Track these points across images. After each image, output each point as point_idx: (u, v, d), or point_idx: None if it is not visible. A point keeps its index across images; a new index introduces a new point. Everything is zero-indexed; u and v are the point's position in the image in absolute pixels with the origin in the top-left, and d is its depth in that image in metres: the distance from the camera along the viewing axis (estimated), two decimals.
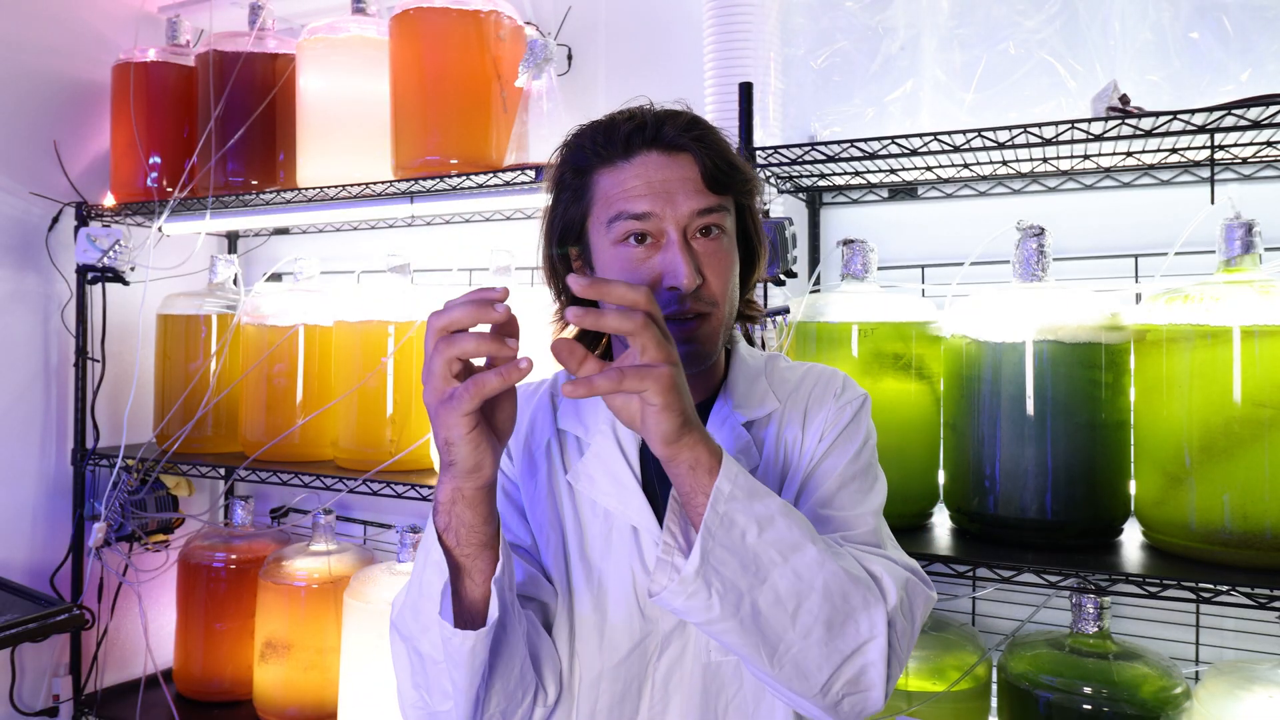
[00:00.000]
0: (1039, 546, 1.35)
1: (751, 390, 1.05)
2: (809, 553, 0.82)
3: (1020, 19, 1.41)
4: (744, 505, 0.81)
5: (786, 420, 1.04)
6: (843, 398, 1.05)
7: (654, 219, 0.93)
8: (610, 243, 0.95)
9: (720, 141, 0.99)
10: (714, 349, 0.98)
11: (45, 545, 2.30)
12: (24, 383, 2.28)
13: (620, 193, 0.94)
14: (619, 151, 0.96)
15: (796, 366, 1.11)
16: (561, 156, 1.01)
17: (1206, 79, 1.31)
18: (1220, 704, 1.26)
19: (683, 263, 0.92)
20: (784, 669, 0.83)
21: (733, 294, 1.00)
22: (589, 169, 0.98)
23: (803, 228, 1.89)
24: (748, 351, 1.10)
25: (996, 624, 1.71)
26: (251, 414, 2.14)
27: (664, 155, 0.95)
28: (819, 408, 1.04)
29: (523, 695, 0.95)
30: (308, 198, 2.04)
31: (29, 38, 2.27)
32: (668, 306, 0.94)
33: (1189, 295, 1.28)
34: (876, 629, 0.84)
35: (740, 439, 1.01)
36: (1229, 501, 1.22)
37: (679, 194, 0.94)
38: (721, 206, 0.97)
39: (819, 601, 0.82)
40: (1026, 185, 1.72)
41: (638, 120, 0.97)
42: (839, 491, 0.99)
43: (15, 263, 2.26)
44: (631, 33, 2.10)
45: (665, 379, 0.77)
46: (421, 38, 1.88)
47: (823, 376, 1.08)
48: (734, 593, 0.80)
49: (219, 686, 2.19)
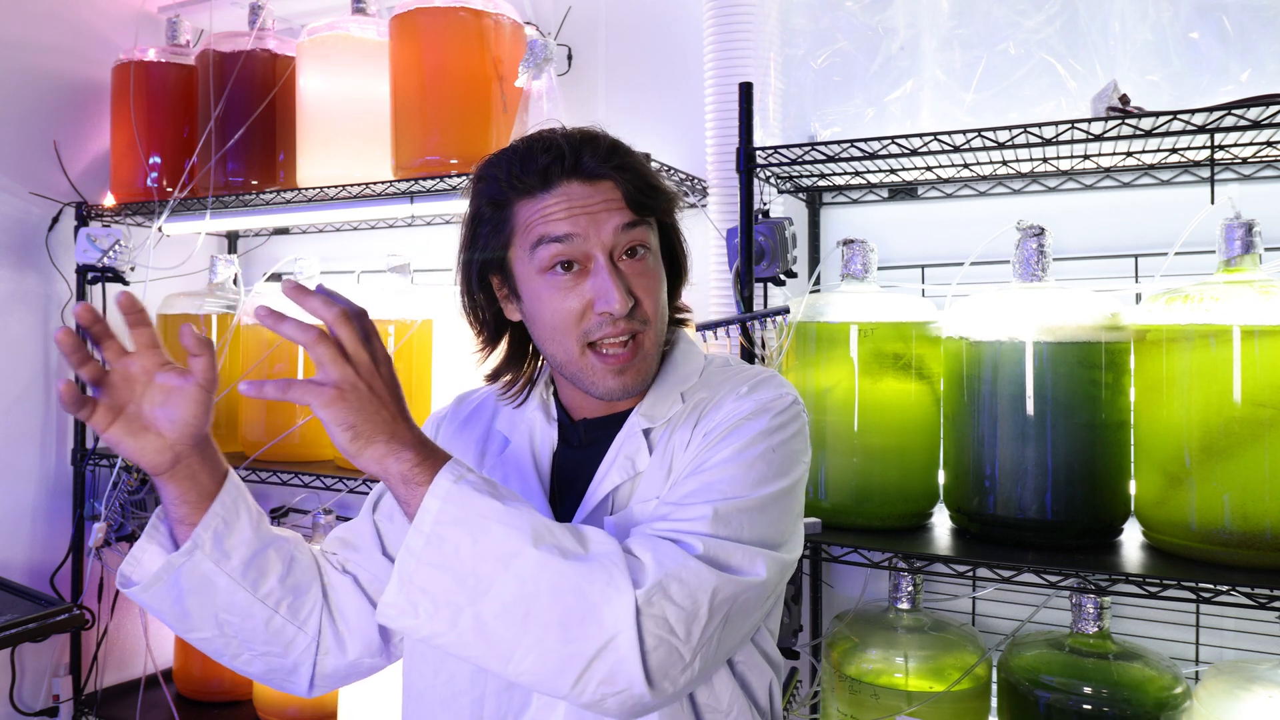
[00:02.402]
0: (1039, 546, 1.35)
1: (665, 395, 1.02)
2: (529, 556, 0.79)
3: (1020, 19, 1.41)
4: (457, 517, 0.79)
5: (684, 422, 1.00)
6: (746, 399, 0.97)
7: (578, 240, 0.92)
8: (536, 271, 0.94)
9: (640, 165, 0.97)
10: (649, 374, 0.98)
11: (45, 545, 2.30)
12: (24, 383, 2.28)
13: (541, 218, 0.93)
14: (537, 183, 0.94)
15: (736, 371, 1.05)
16: (476, 190, 0.99)
17: (1206, 79, 1.31)
18: (1220, 704, 1.26)
19: (613, 286, 0.91)
20: (525, 674, 0.80)
21: (663, 310, 0.99)
22: (507, 201, 0.96)
23: (803, 228, 1.89)
24: (685, 356, 1.06)
25: (996, 624, 1.71)
26: (251, 414, 2.14)
27: (585, 184, 0.94)
28: (716, 409, 0.98)
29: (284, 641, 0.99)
30: (308, 198, 2.03)
31: (29, 37, 2.27)
32: (600, 329, 0.93)
33: (1189, 295, 1.28)
34: (621, 623, 0.78)
35: (631, 444, 0.99)
36: (1229, 501, 1.22)
37: (602, 215, 0.93)
38: (647, 223, 0.96)
39: (547, 603, 0.78)
40: (1026, 185, 1.72)
41: (555, 150, 0.94)
42: (684, 482, 0.92)
43: (15, 263, 2.26)
44: (631, 33, 2.10)
45: (327, 395, 0.80)
46: (421, 38, 1.88)
47: (741, 377, 1.02)
48: (449, 608, 0.79)
49: (219, 686, 2.19)
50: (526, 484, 1.03)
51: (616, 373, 0.95)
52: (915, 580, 1.54)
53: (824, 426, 1.51)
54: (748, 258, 1.55)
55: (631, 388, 0.96)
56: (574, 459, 1.04)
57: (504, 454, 1.06)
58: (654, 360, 0.99)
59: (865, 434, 1.48)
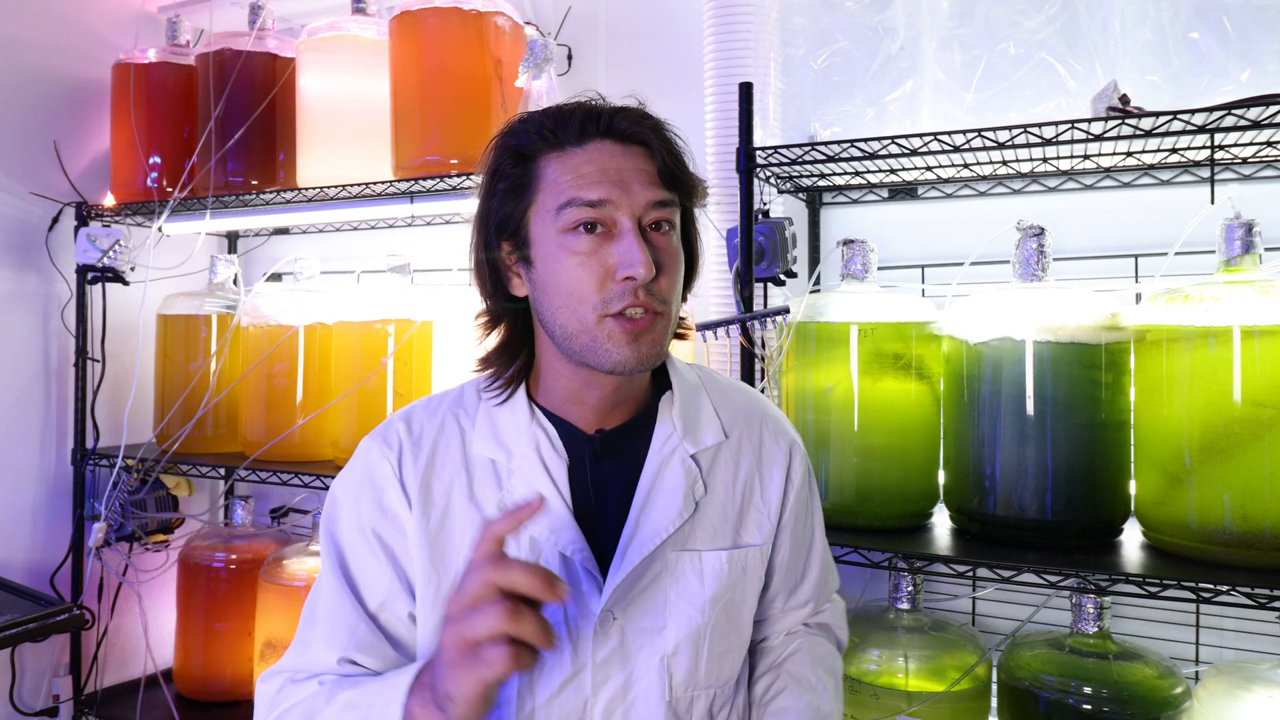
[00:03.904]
0: (1039, 546, 1.35)
1: (696, 413, 1.01)
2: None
3: (1020, 19, 1.41)
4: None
5: (741, 453, 1.03)
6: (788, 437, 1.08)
7: (609, 206, 0.88)
8: (558, 231, 0.89)
9: (673, 139, 0.95)
10: (662, 351, 0.92)
11: (45, 545, 2.30)
12: (24, 383, 2.28)
13: (573, 178, 0.89)
14: (571, 138, 0.91)
15: (727, 382, 1.09)
16: (501, 145, 0.94)
17: (1206, 79, 1.31)
18: (1220, 704, 1.26)
19: (639, 250, 0.87)
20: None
21: (677, 299, 0.95)
22: (535, 155, 0.92)
23: (803, 228, 1.89)
24: (680, 363, 1.06)
25: (996, 624, 1.71)
26: (251, 414, 2.14)
27: (618, 145, 0.91)
28: (775, 445, 1.06)
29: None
30: (308, 198, 2.04)
31: (29, 37, 2.27)
32: (621, 299, 0.88)
33: (1189, 295, 1.28)
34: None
35: (690, 474, 0.97)
36: (1229, 501, 1.22)
37: (635, 183, 0.89)
38: (675, 201, 0.93)
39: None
40: (1026, 185, 1.72)
41: (591, 109, 0.92)
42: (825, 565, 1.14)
43: (15, 263, 2.26)
44: (631, 33, 2.10)
45: (483, 678, 0.75)
46: (421, 38, 1.88)
47: (768, 405, 1.10)
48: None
49: (219, 686, 2.19)
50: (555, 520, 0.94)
51: (632, 339, 0.88)
52: (915, 580, 1.54)
53: (824, 426, 1.51)
54: (748, 258, 1.55)
55: (645, 359, 0.90)
56: (594, 477, 0.97)
57: (509, 482, 0.96)
58: (666, 343, 0.93)
59: (865, 434, 1.48)
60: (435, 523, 0.95)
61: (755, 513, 1.02)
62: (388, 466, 0.96)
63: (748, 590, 1.01)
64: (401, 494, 0.95)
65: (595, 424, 0.98)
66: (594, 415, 0.97)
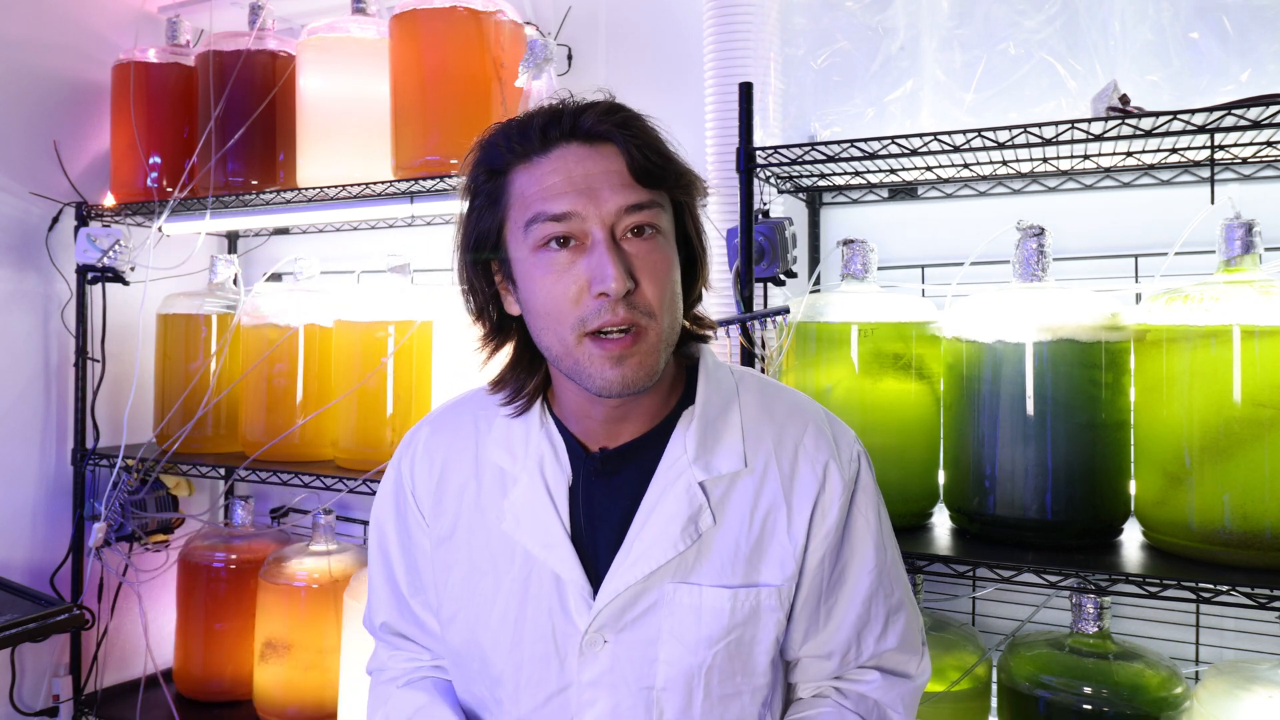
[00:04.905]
0: (1039, 546, 1.35)
1: (715, 435, 0.92)
2: None
3: (1020, 19, 1.41)
4: None
5: (765, 482, 0.92)
6: (842, 456, 0.94)
7: (575, 219, 0.83)
8: (530, 249, 0.85)
9: (648, 130, 0.88)
10: (654, 369, 0.86)
11: (45, 545, 2.30)
12: (24, 383, 2.28)
13: (537, 191, 0.84)
14: (535, 146, 0.86)
15: (776, 394, 0.97)
16: (474, 158, 0.91)
17: (1206, 79, 1.31)
18: (1220, 704, 1.26)
19: (610, 263, 0.81)
20: None
21: (673, 303, 0.88)
22: (505, 168, 0.88)
23: (803, 228, 1.89)
24: (715, 367, 0.97)
25: (996, 624, 1.71)
26: (251, 414, 2.14)
27: (585, 146, 0.85)
28: (810, 472, 0.92)
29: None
30: (308, 198, 2.04)
31: (29, 37, 2.27)
32: (599, 316, 0.83)
33: (1189, 295, 1.28)
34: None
35: (694, 503, 0.89)
36: (1229, 501, 1.22)
37: (603, 189, 0.83)
38: (654, 203, 0.86)
39: None
40: (1026, 185, 1.72)
41: (553, 111, 0.87)
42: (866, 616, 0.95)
43: (15, 263, 2.26)
44: (631, 33, 2.10)
45: None
46: (421, 38, 1.88)
47: (813, 421, 0.95)
48: None
49: (219, 686, 2.19)
50: (548, 536, 0.92)
51: (615, 361, 0.83)
52: (915, 580, 1.54)
53: None
54: (748, 258, 1.55)
55: (631, 381, 0.84)
56: (593, 496, 0.94)
57: (510, 495, 0.95)
58: (659, 358, 0.86)
59: (865, 434, 1.47)
60: (445, 530, 0.99)
61: (777, 549, 0.92)
62: (405, 477, 1.04)
63: (761, 633, 0.91)
64: (414, 505, 1.03)
65: (603, 439, 0.94)
66: (602, 430, 0.94)
